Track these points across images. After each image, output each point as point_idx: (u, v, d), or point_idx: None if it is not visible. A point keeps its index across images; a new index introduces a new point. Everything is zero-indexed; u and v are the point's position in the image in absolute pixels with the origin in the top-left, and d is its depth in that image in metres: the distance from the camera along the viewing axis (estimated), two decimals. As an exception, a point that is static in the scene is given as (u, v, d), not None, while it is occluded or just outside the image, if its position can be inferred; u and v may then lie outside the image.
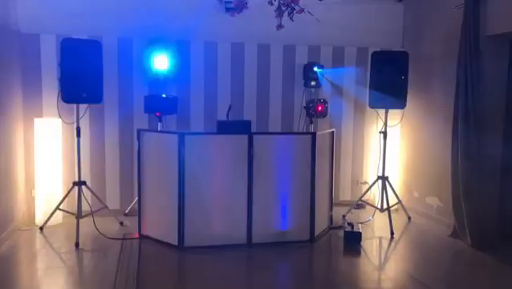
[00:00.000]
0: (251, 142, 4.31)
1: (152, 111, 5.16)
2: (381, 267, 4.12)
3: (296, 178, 4.47)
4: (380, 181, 5.14)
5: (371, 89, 5.01)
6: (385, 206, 5.00)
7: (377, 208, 5.14)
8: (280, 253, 4.24)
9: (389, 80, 4.88)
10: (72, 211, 4.63)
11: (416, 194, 5.62)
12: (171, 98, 5.20)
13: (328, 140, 4.94)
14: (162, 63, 5.11)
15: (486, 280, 3.79)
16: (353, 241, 4.45)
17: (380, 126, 5.23)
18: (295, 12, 3.79)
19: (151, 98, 5.17)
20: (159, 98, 5.14)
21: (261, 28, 5.09)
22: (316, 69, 5.54)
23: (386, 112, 5.07)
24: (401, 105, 4.95)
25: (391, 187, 5.17)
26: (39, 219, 4.82)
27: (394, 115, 5.20)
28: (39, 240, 4.48)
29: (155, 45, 5.17)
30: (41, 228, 4.70)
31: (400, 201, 5.37)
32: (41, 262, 3.99)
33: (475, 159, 4.41)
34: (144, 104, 5.18)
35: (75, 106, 4.48)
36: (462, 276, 3.87)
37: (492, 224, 4.51)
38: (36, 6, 4.92)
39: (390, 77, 4.88)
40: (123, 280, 3.55)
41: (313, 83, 5.60)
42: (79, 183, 4.59)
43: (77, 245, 4.25)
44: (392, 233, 4.76)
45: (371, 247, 4.51)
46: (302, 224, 4.47)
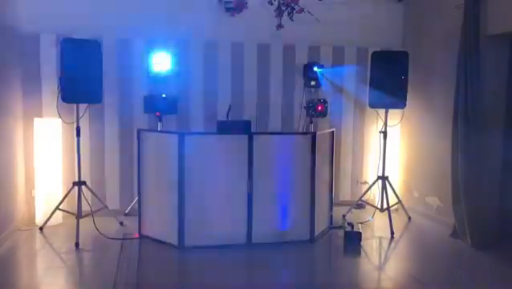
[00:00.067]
0: (251, 142, 4.31)
1: (152, 111, 5.17)
2: (381, 267, 4.12)
3: (296, 178, 4.47)
4: (380, 181, 5.14)
5: (371, 89, 5.01)
6: (385, 206, 5.00)
7: (377, 208, 5.14)
8: (280, 253, 4.23)
9: (389, 80, 4.88)
10: (72, 211, 4.63)
11: (416, 194, 5.62)
12: (171, 98, 5.20)
13: (328, 140, 4.94)
14: (162, 63, 5.11)
15: (486, 280, 3.79)
16: (353, 241, 4.44)
17: (380, 126, 5.23)
18: (295, 12, 3.80)
19: (151, 98, 5.17)
20: (159, 98, 5.14)
21: (261, 28, 5.10)
22: (316, 69, 5.55)
23: (386, 112, 5.07)
24: (401, 105, 4.95)
25: (391, 187, 5.17)
26: (39, 219, 4.81)
27: (394, 114, 5.20)
28: (39, 240, 4.48)
29: (155, 45, 5.18)
30: (41, 228, 4.70)
31: (400, 201, 5.37)
32: (41, 262, 3.98)
33: (475, 159, 4.41)
34: (144, 104, 5.19)
35: (75, 106, 4.48)
36: (462, 276, 3.87)
37: (492, 224, 4.51)
38: (36, 6, 4.91)
39: (390, 77, 4.88)
40: (123, 280, 3.54)
41: (313, 83, 5.60)
42: (79, 183, 4.60)
43: (77, 245, 4.25)
44: (392, 233, 4.76)
45: (371, 247, 4.51)
46: (302, 224, 4.47)
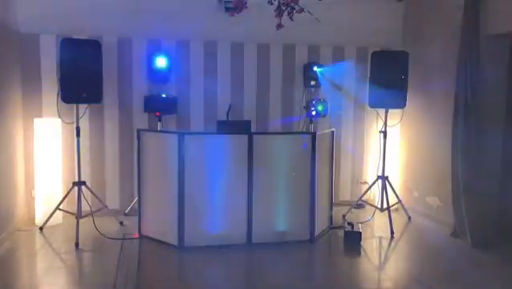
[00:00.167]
0: (251, 142, 4.31)
1: (152, 111, 5.17)
2: (381, 267, 4.12)
3: (296, 178, 4.47)
4: (380, 181, 5.14)
5: (371, 89, 5.01)
6: (385, 206, 5.00)
7: (377, 208, 5.14)
8: (280, 253, 4.23)
9: (389, 80, 4.87)
10: (72, 211, 4.63)
11: (416, 194, 5.62)
12: (171, 98, 5.21)
13: (328, 140, 4.94)
14: (162, 63, 5.11)
15: (486, 280, 3.78)
16: (353, 241, 4.45)
17: (380, 126, 5.23)
18: (295, 12, 3.77)
19: (151, 98, 5.18)
20: (159, 98, 5.15)
21: (261, 28, 5.09)
22: (316, 68, 5.54)
23: (386, 112, 5.07)
24: (401, 105, 4.95)
25: (391, 187, 5.17)
26: (39, 219, 4.81)
27: (394, 114, 5.20)
28: (39, 240, 4.48)
29: (155, 45, 5.17)
30: (41, 228, 4.70)
31: (400, 201, 5.37)
32: (41, 262, 3.98)
33: (475, 158, 4.41)
34: (144, 104, 5.19)
35: (75, 106, 4.49)
36: (462, 276, 3.86)
37: (492, 223, 4.51)
38: (36, 6, 4.90)
39: (390, 77, 4.88)
40: (123, 280, 3.54)
41: (313, 83, 5.61)
42: (79, 183, 4.60)
43: (77, 245, 4.25)
44: (392, 232, 4.76)
45: (371, 247, 4.51)
46: (302, 224, 4.47)
